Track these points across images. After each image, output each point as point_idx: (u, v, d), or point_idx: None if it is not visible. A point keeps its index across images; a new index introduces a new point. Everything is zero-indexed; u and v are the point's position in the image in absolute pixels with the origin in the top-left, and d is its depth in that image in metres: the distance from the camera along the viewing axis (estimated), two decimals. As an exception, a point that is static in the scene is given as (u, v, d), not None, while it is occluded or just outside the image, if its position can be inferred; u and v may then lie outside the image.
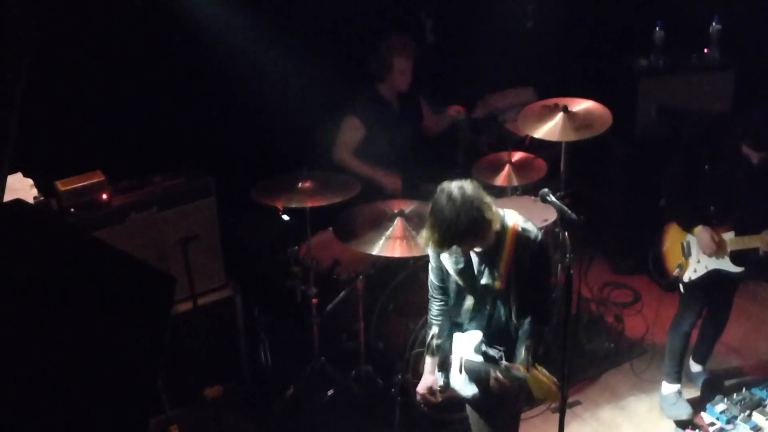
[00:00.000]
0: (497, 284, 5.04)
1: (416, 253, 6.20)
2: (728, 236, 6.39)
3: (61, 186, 6.13)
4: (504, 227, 4.99)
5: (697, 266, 6.49)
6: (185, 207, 6.46)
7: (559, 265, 6.96)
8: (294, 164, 6.58)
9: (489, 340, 5.19)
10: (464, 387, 5.33)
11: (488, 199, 4.90)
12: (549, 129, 6.84)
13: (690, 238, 6.47)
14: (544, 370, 5.04)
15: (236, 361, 6.93)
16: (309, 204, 6.30)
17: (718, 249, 6.35)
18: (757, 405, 6.68)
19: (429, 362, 5.40)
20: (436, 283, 5.35)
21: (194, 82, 7.13)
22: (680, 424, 6.71)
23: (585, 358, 7.29)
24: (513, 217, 5.07)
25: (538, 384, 5.04)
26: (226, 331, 6.81)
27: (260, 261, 7.20)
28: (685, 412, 6.71)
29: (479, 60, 8.49)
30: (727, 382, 7.06)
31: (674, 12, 8.14)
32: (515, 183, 7.11)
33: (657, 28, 7.97)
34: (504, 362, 5.07)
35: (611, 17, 8.59)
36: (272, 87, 7.37)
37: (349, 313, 6.67)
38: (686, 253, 6.51)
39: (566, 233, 6.76)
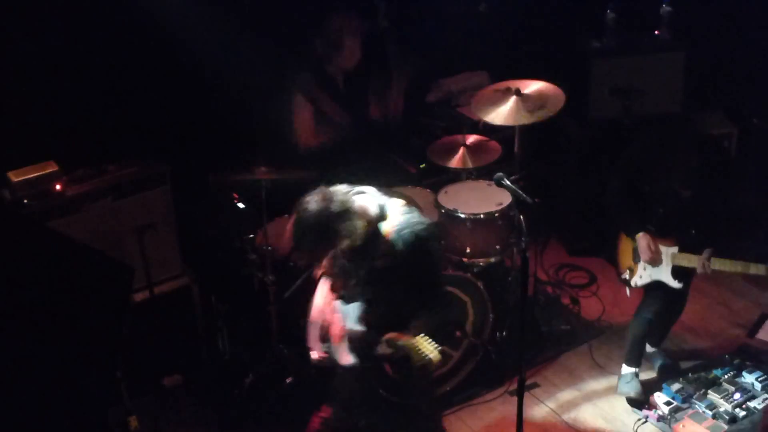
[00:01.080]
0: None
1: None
2: (672, 250, 6.47)
3: (14, 177, 6.09)
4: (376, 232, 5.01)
5: (643, 273, 6.59)
6: (141, 196, 6.43)
7: (515, 249, 6.99)
8: (248, 150, 6.57)
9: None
10: (344, 355, 5.36)
11: (352, 207, 4.93)
12: (502, 113, 6.87)
13: (640, 247, 6.52)
14: (431, 341, 5.05)
15: (194, 349, 6.92)
16: (264, 177, 6.29)
17: (654, 257, 6.44)
18: (712, 383, 6.73)
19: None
20: None
21: (145, 69, 7.08)
22: (633, 403, 6.76)
23: (542, 340, 7.31)
24: (391, 223, 5.05)
25: (416, 351, 5.04)
26: (183, 319, 6.79)
27: (217, 249, 7.17)
28: (633, 390, 6.76)
29: (432, 44, 8.49)
30: (683, 362, 7.10)
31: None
32: (470, 165, 7.13)
33: (608, 10, 8.00)
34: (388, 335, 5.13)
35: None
36: (223, 71, 7.32)
37: (307, 300, 6.65)
38: (636, 258, 6.60)
39: (521, 216, 6.79)
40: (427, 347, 5.01)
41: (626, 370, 6.85)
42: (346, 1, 7.26)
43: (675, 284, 6.52)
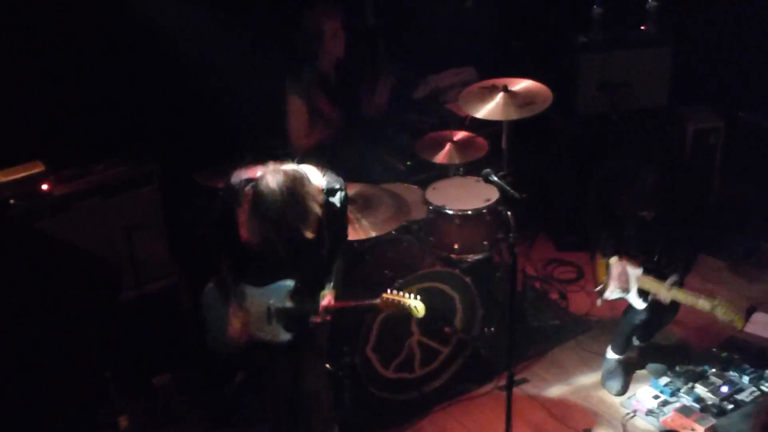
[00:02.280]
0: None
1: (362, 236, 6.26)
2: (637, 272, 6.53)
3: (1, 177, 6.07)
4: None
5: (613, 289, 6.65)
6: (129, 195, 6.43)
7: (503, 244, 7.00)
8: (239, 147, 6.57)
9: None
10: (279, 334, 5.54)
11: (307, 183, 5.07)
12: (490, 109, 6.89)
13: (612, 260, 6.59)
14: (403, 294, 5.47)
15: (183, 348, 6.91)
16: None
17: (623, 286, 6.57)
18: (700, 377, 6.76)
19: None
20: None
21: (132, 68, 7.07)
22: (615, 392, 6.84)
23: (531, 335, 7.33)
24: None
25: (408, 305, 5.45)
26: (172, 318, 6.78)
27: (205, 248, 7.15)
28: (615, 388, 6.81)
29: (420, 40, 8.50)
30: (670, 355, 7.12)
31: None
32: (457, 161, 7.14)
33: (595, 5, 8.01)
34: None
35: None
36: (213, 69, 7.33)
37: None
38: (609, 274, 6.65)
39: (509, 212, 6.81)
40: (407, 299, 5.41)
41: (611, 354, 6.91)
42: (338, 2, 7.23)
43: (640, 304, 6.57)
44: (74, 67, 6.79)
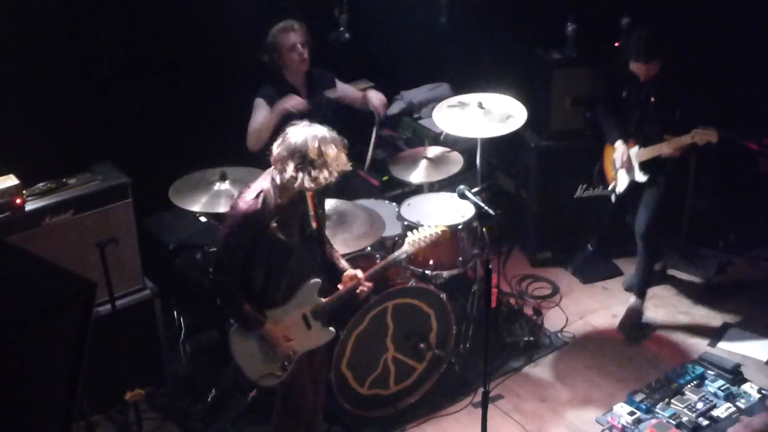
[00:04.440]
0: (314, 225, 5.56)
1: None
2: (634, 150, 7.27)
3: (-27, 191, 6.02)
4: None
5: (621, 180, 7.44)
6: (102, 210, 6.37)
7: (478, 260, 7.00)
8: (210, 159, 6.56)
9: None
10: (321, 334, 5.68)
11: None
12: (465, 125, 6.91)
13: (615, 154, 7.24)
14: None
15: (157, 363, 6.87)
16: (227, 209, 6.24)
17: (626, 163, 7.29)
18: (675, 393, 6.77)
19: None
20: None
21: (105, 82, 7.05)
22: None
23: (506, 351, 7.32)
24: None
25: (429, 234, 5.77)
26: (145, 333, 6.74)
27: (178, 262, 7.13)
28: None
29: (394, 56, 8.50)
30: (645, 371, 7.14)
31: (585, 6, 8.21)
32: (433, 178, 7.15)
33: (569, 22, 8.03)
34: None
35: (523, 11, 8.64)
36: (186, 82, 7.33)
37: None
38: (615, 169, 7.29)
39: (484, 228, 6.82)
40: (430, 231, 5.76)
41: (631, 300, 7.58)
42: (306, 13, 7.23)
43: (642, 177, 7.29)
44: (47, 80, 6.76)
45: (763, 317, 7.73)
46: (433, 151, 7.31)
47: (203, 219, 6.90)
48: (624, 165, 7.27)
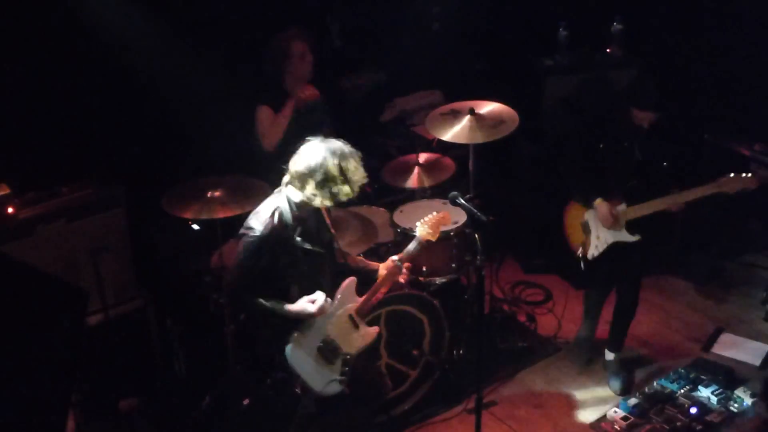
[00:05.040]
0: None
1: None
2: (621, 208, 6.60)
3: (-34, 200, 6.03)
4: None
5: (597, 243, 6.71)
6: (95, 218, 6.38)
7: (471, 267, 7.00)
8: (203, 168, 6.56)
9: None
10: (369, 333, 5.72)
11: None
12: (457, 131, 6.90)
13: (588, 216, 6.69)
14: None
15: (150, 372, 6.87)
16: (219, 215, 6.25)
17: (615, 221, 6.58)
18: (668, 398, 6.76)
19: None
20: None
21: (97, 91, 7.05)
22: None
23: (499, 357, 7.32)
24: None
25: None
26: (139, 342, 6.74)
27: (172, 270, 7.13)
28: (619, 386, 7.00)
29: (386, 63, 8.52)
30: (639, 376, 7.14)
31: (576, 12, 8.23)
32: (425, 184, 7.15)
33: (561, 28, 8.05)
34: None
35: (515, 18, 8.66)
36: (178, 92, 7.33)
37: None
38: (586, 231, 6.73)
39: (476, 234, 6.81)
40: (437, 217, 5.76)
41: (609, 356, 7.10)
42: (299, 21, 7.23)
43: (632, 238, 6.64)
44: (39, 88, 6.76)
45: (756, 322, 7.74)
46: (425, 157, 7.32)
47: (196, 227, 6.90)
48: (612, 225, 6.62)
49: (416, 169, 7.17)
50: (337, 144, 5.24)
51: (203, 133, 7.44)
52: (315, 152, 5.18)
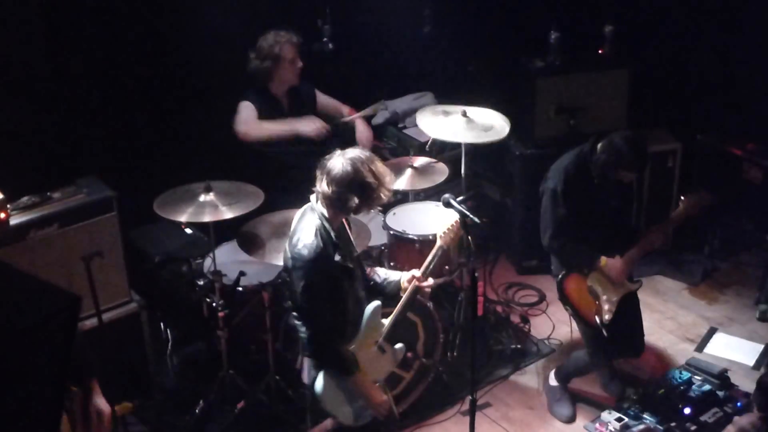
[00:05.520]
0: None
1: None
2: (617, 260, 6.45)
3: (-43, 206, 6.01)
4: None
5: (608, 304, 6.45)
6: (87, 223, 6.35)
7: (464, 269, 7.00)
8: (196, 172, 6.55)
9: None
10: (397, 354, 5.79)
11: None
12: (450, 130, 6.91)
13: (590, 281, 6.46)
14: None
15: (144, 376, 6.86)
16: (212, 219, 6.25)
17: (626, 272, 6.43)
18: (663, 398, 6.74)
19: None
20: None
21: (90, 96, 7.04)
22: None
23: (493, 359, 7.32)
24: None
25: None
26: (132, 347, 6.73)
27: (165, 275, 7.12)
28: (566, 413, 6.84)
29: (378, 66, 8.51)
30: (633, 377, 7.15)
31: (568, 13, 8.23)
32: (418, 187, 7.15)
33: (552, 30, 8.05)
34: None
35: (506, 20, 8.67)
36: (168, 95, 7.33)
37: (256, 325, 6.63)
38: (595, 297, 6.47)
39: (469, 237, 6.80)
40: (450, 226, 5.69)
41: (554, 381, 6.97)
42: (290, 23, 7.23)
43: (635, 285, 6.52)
44: (31, 94, 6.75)
45: (749, 322, 7.76)
46: (418, 160, 7.32)
47: (189, 231, 6.89)
48: (626, 274, 6.42)
49: (409, 172, 7.16)
50: (355, 151, 5.25)
51: (195, 138, 7.43)
52: (344, 166, 5.15)
